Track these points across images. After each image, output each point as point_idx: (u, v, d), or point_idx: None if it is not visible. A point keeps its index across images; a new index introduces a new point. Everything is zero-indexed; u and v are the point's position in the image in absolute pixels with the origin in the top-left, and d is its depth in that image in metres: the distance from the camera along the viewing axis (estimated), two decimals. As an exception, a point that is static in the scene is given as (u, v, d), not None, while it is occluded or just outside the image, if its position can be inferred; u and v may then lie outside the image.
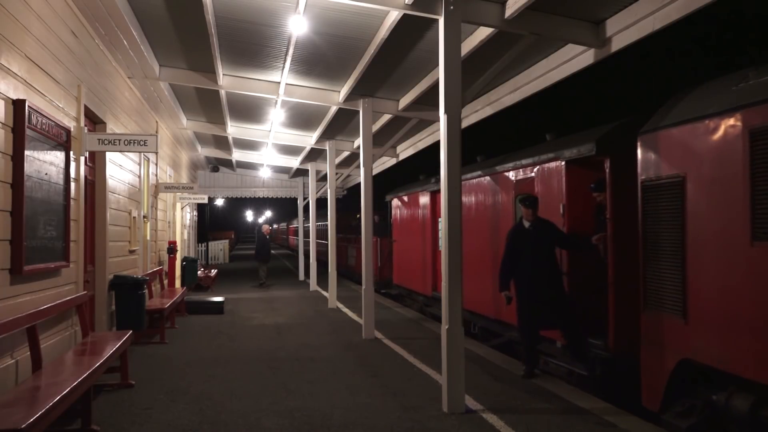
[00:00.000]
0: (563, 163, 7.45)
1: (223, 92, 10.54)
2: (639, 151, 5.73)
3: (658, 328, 5.42)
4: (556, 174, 7.63)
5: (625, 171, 6.38)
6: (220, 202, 38.12)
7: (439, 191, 12.16)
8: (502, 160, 9.35)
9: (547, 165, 7.86)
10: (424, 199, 12.99)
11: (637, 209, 5.74)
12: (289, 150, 16.96)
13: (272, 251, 22.19)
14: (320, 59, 8.57)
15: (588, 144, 6.92)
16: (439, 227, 12.16)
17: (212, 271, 19.55)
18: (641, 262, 5.63)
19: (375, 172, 14.56)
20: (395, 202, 15.67)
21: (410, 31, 7.07)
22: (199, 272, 16.91)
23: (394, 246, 15.88)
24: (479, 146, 12.98)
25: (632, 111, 8.04)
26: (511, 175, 8.84)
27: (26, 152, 5.05)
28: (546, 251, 7.03)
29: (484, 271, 9.50)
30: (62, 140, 6.06)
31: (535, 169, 8.14)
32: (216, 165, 22.32)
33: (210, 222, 36.03)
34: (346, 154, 16.02)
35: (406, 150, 14.73)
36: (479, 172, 10.01)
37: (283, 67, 8.94)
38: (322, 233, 25.79)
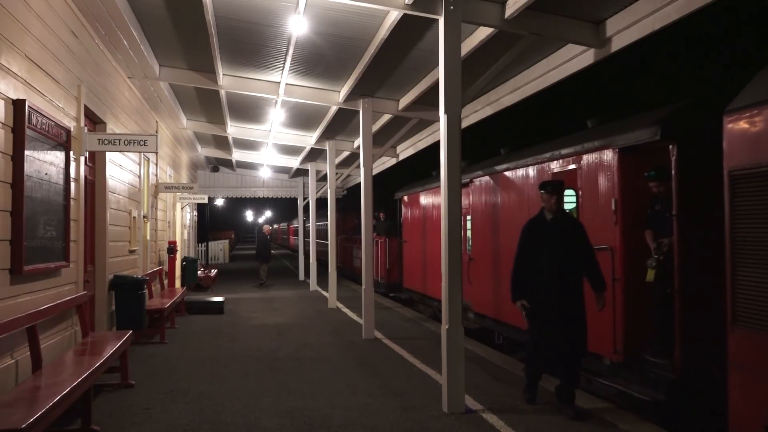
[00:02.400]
0: (616, 151, 6.53)
1: (223, 92, 10.54)
2: (726, 134, 4.66)
3: (756, 352, 4.38)
4: (607, 164, 6.72)
5: (697, 159, 5.68)
6: (220, 202, 38.12)
7: None
8: (535, 151, 8.42)
9: (594, 154, 6.94)
10: (440, 196, 12.43)
11: (723, 205, 4.70)
12: (289, 150, 16.96)
13: (272, 251, 22.06)
14: (320, 59, 8.57)
15: (650, 128, 5.97)
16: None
17: (212, 271, 19.55)
18: (729, 269, 4.56)
19: (375, 172, 14.53)
20: (406, 199, 14.90)
21: (410, 31, 7.07)
22: (199, 272, 16.91)
23: (404, 246, 15.12)
24: (479, 146, 12.95)
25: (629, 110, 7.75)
26: (547, 167, 7.91)
27: (26, 152, 5.05)
28: (569, 252, 5.68)
29: (508, 274, 8.84)
30: (62, 140, 6.06)
31: (579, 160, 7.25)
32: (216, 165, 22.32)
33: (210, 222, 36.03)
34: (346, 154, 16.02)
35: (406, 150, 14.73)
36: (506, 166, 9.10)
37: (283, 67, 8.94)
38: (322, 233, 25.44)
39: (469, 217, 10.75)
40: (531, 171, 8.40)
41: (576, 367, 5.71)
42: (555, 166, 7.74)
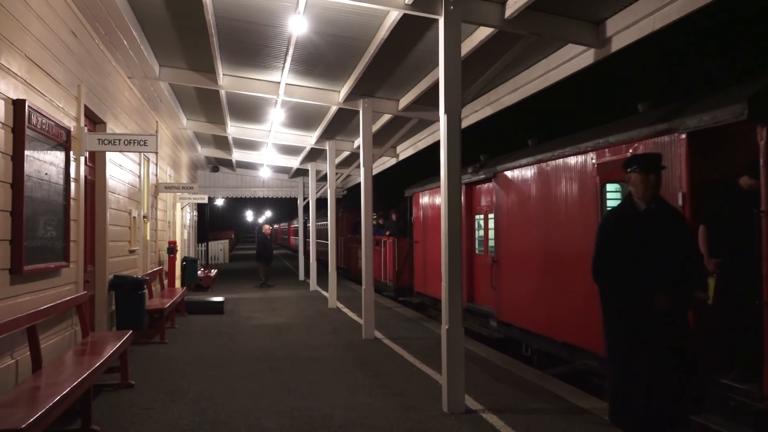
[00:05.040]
0: (684, 135, 5.58)
1: (223, 92, 10.54)
2: None
3: None
4: (671, 151, 5.80)
5: None
6: (220, 202, 38.14)
7: (475, 183, 10.72)
8: (574, 140, 7.53)
9: (653, 140, 6.01)
10: None
11: None
12: (289, 150, 16.97)
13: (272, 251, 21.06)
14: (320, 59, 8.58)
15: (733, 106, 5.04)
16: (477, 225, 10.75)
17: (212, 271, 19.54)
18: None
19: (375, 172, 14.52)
20: (417, 197, 13.94)
21: (410, 31, 7.07)
22: (199, 272, 16.91)
23: (414, 247, 14.13)
24: (480, 146, 12.91)
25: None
26: (592, 156, 6.99)
27: (26, 152, 5.05)
28: (673, 256, 4.10)
29: (542, 279, 8.00)
30: (62, 140, 6.06)
31: (633, 147, 6.32)
32: (216, 165, 22.32)
33: (210, 222, 36.04)
34: (346, 154, 16.02)
35: (406, 150, 14.74)
36: (539, 157, 8.17)
37: (283, 67, 8.94)
38: (323, 233, 24.82)
39: (492, 216, 10.04)
40: (570, 162, 7.46)
41: (686, 424, 4.10)
42: (605, 155, 6.82)
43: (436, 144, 8.30)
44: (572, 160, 7.45)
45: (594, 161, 6.99)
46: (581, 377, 7.17)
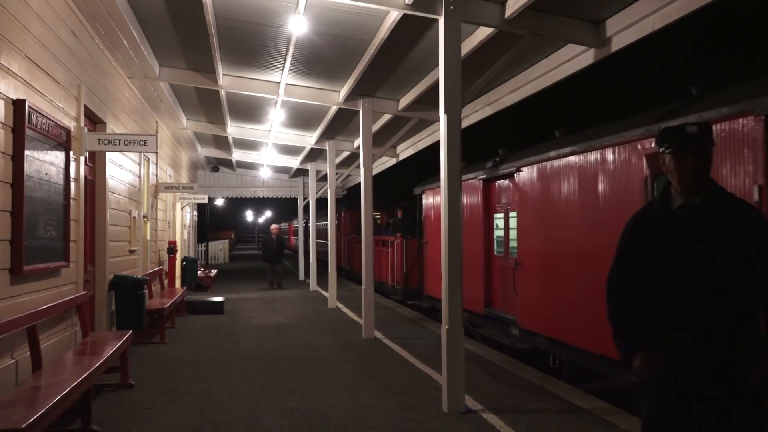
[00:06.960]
0: (761, 118, 4.86)
1: (223, 92, 10.55)
2: None
3: None
4: (743, 137, 5.01)
5: None
6: (220, 202, 38.13)
7: (494, 179, 10.09)
8: (616, 129, 6.78)
9: (719, 125, 5.26)
10: (472, 190, 10.55)
11: None
12: (289, 150, 16.97)
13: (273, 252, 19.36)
14: (320, 59, 8.58)
15: None
16: (495, 225, 10.19)
17: (212, 271, 19.54)
18: None
19: (375, 172, 14.50)
20: (428, 194, 13.22)
21: (410, 31, 7.07)
22: (199, 272, 16.91)
23: (424, 248, 13.31)
24: (480, 146, 12.90)
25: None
26: (638, 146, 6.29)
27: (26, 152, 5.05)
28: (725, 271, 2.78)
29: (576, 283, 7.32)
30: (62, 140, 6.06)
31: None
32: (216, 165, 22.33)
33: (210, 222, 36.02)
34: (346, 154, 16.03)
35: (406, 150, 14.74)
36: (571, 149, 7.46)
37: (283, 67, 8.94)
38: (323, 233, 24.51)
39: (513, 214, 9.31)
40: (611, 153, 6.67)
41: None
42: (651, 144, 5.96)
43: (436, 144, 8.29)
44: (614, 152, 6.65)
45: (642, 152, 6.20)
46: (621, 394, 6.31)
